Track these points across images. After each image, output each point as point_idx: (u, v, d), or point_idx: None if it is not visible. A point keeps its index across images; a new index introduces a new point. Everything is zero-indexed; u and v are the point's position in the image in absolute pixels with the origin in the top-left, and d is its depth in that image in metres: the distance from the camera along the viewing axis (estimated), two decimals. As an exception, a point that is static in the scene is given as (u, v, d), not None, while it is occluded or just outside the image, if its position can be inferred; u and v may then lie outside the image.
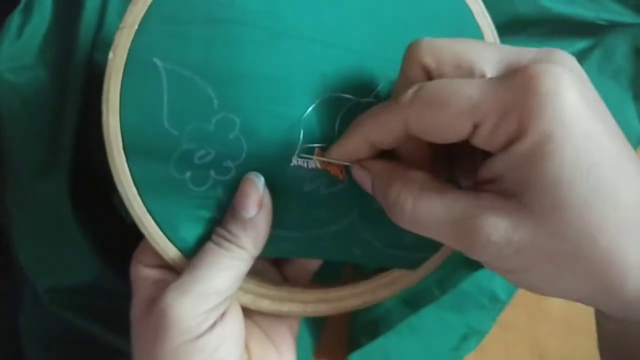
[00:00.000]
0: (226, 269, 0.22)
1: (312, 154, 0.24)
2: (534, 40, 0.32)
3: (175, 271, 0.24)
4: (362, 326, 0.35)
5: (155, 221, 0.24)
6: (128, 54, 0.23)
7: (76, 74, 0.29)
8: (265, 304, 0.26)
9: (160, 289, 0.22)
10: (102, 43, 0.30)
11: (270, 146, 0.24)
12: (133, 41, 0.23)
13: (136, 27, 0.23)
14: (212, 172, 0.24)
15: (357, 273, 0.28)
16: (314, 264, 0.28)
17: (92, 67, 0.30)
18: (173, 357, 0.22)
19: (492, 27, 0.25)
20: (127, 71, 0.23)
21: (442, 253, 0.27)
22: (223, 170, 0.24)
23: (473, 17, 0.25)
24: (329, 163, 0.24)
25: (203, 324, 0.22)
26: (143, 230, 0.24)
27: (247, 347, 0.26)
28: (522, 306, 0.35)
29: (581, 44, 0.33)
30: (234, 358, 0.24)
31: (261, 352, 0.26)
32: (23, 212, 0.31)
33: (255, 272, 0.27)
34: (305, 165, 0.24)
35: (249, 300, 0.25)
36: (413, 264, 0.27)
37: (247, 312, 0.26)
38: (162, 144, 0.23)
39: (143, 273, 0.24)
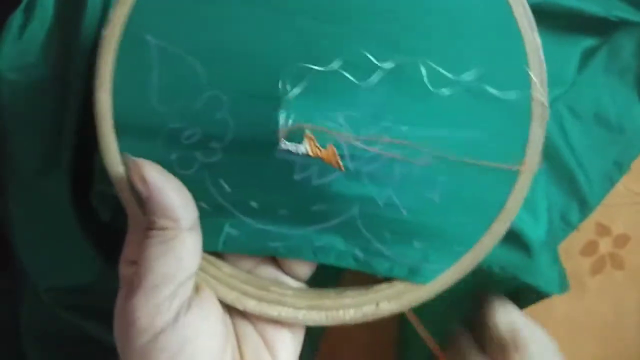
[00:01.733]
0: (162, 255, 0.21)
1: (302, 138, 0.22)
2: (542, 36, 0.30)
3: None
4: None
5: None
6: (121, 31, 0.22)
7: (78, 73, 0.29)
8: (251, 305, 0.23)
9: (130, 288, 0.21)
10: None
11: (258, 128, 0.22)
12: (126, 18, 0.22)
13: (129, 4, 0.22)
14: (198, 154, 0.22)
15: (359, 280, 0.25)
16: (314, 264, 0.25)
17: (94, 66, 0.30)
18: (139, 359, 0.20)
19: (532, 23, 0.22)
20: (120, 48, 0.22)
21: (459, 268, 0.23)
22: (209, 152, 0.22)
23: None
24: (321, 149, 0.21)
25: (159, 320, 0.20)
26: (129, 212, 0.23)
27: (240, 352, 0.23)
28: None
29: (588, 42, 0.32)
30: (208, 358, 0.21)
31: (256, 359, 0.23)
32: (24, 212, 0.31)
33: (247, 270, 0.24)
34: (295, 149, 0.22)
35: (234, 298, 0.23)
36: (423, 277, 0.23)
37: (247, 314, 0.24)
38: (150, 123, 0.22)
39: (126, 271, 0.23)
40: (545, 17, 0.29)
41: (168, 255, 0.21)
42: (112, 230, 0.30)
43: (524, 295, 0.32)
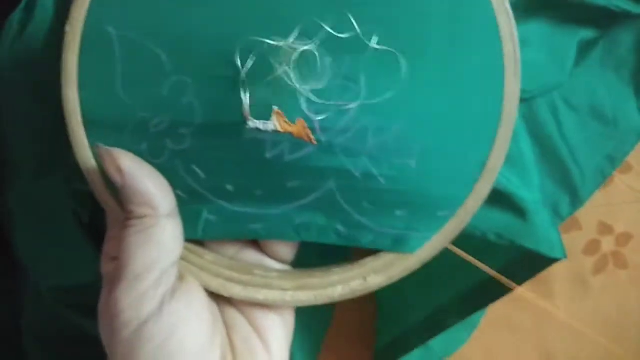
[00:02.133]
0: (142, 244, 0.20)
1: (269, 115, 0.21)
2: (540, 26, 0.30)
3: None
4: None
5: (116, 197, 0.23)
6: (83, 26, 0.22)
7: None
8: (237, 290, 0.23)
9: (112, 282, 0.21)
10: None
11: (224, 109, 0.22)
12: (86, 12, 0.22)
13: None
14: (168, 142, 0.22)
15: (346, 257, 0.25)
16: (295, 243, 0.25)
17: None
18: (126, 351, 0.20)
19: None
20: (83, 43, 0.22)
21: (445, 233, 0.23)
22: (179, 139, 0.22)
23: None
24: (291, 124, 0.21)
25: (143, 310, 0.20)
26: (104, 206, 0.23)
27: (230, 341, 0.23)
28: (528, 309, 0.35)
29: (587, 33, 0.31)
30: (195, 347, 0.21)
31: (246, 348, 0.23)
32: (25, 212, 0.31)
33: (231, 256, 0.24)
34: (263, 127, 0.21)
35: (219, 285, 0.23)
36: (409, 246, 0.23)
37: (234, 302, 0.24)
38: (118, 115, 0.22)
39: (108, 267, 0.23)
40: (545, 8, 0.29)
41: (149, 243, 0.20)
42: (97, 227, 0.30)
43: (527, 264, 0.31)
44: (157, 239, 0.21)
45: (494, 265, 0.33)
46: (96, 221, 0.29)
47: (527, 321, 0.36)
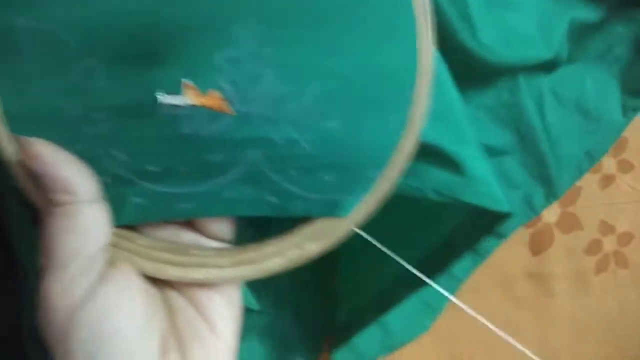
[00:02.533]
0: (64, 232, 0.20)
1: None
2: None
3: None
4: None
5: None
6: None
7: None
8: (175, 272, 0.23)
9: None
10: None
11: (135, 89, 0.21)
12: None
13: None
14: (84, 128, 0.21)
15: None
16: (230, 219, 0.24)
17: None
18: (60, 340, 0.20)
19: None
20: None
21: (376, 195, 0.23)
22: (94, 124, 0.21)
23: None
24: (204, 96, 0.21)
25: (70, 297, 0.20)
26: (34, 202, 0.22)
27: (174, 324, 0.23)
28: (530, 308, 0.36)
29: (581, 12, 0.31)
30: (131, 332, 0.21)
31: (190, 331, 0.23)
32: (25, 212, 0.30)
33: (167, 238, 0.24)
34: (175, 102, 0.21)
35: (154, 268, 0.23)
36: (341, 210, 0.23)
37: (176, 285, 0.23)
38: (34, 106, 0.21)
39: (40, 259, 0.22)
40: None
41: (71, 230, 0.20)
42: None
43: (477, 222, 0.31)
44: (80, 226, 0.20)
45: (449, 226, 0.33)
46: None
47: (528, 320, 0.37)
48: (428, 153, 0.26)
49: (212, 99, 0.21)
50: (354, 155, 0.22)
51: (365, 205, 0.23)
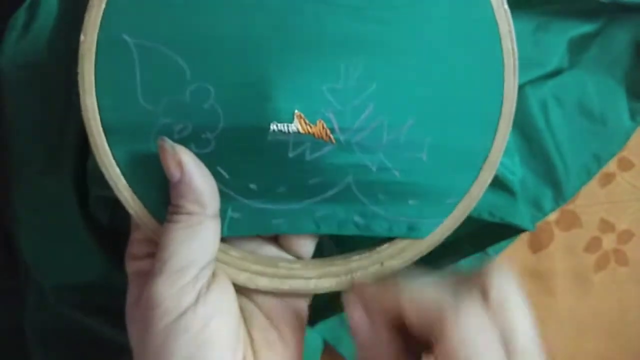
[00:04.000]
0: (187, 240, 0.21)
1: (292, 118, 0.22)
2: (529, 21, 0.31)
3: None
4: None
5: (142, 202, 0.23)
6: (98, 34, 0.22)
7: None
8: (264, 282, 0.24)
9: (149, 276, 0.22)
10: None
11: (247, 113, 0.23)
12: (102, 20, 0.22)
13: (103, 5, 0.22)
14: (193, 146, 0.23)
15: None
16: (315, 237, 0.26)
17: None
18: (161, 341, 0.21)
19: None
20: (99, 51, 0.22)
21: (454, 218, 0.25)
22: (203, 143, 0.23)
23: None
24: (311, 125, 0.22)
25: (183, 301, 0.21)
26: (130, 211, 0.23)
27: (249, 333, 0.24)
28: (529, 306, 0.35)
29: (586, 28, 0.32)
30: (226, 338, 0.22)
31: (263, 338, 0.24)
32: (29, 210, 0.31)
33: (251, 250, 0.25)
34: (286, 129, 0.23)
35: (245, 278, 0.24)
36: (420, 231, 0.25)
37: (250, 297, 0.25)
38: (140, 122, 0.23)
39: (134, 266, 0.24)
40: (538, 2, 0.30)
41: (193, 240, 0.22)
42: (115, 229, 0.30)
43: (497, 233, 0.33)
44: (201, 237, 0.22)
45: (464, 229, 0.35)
46: (114, 224, 0.30)
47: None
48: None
49: (318, 129, 0.23)
50: (437, 184, 0.24)
51: (442, 228, 0.25)
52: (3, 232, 0.33)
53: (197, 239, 0.22)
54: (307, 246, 0.26)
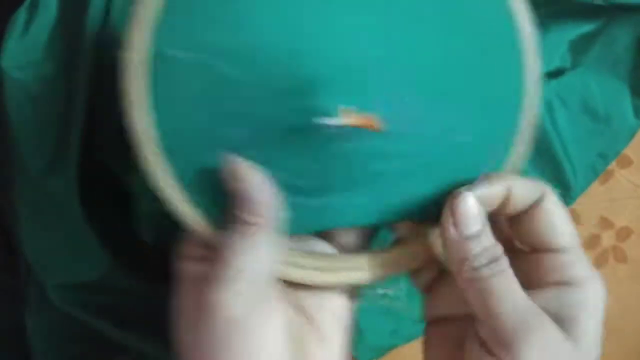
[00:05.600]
0: (247, 248, 0.22)
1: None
2: (541, 19, 0.31)
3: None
4: None
5: (200, 213, 0.23)
6: (146, 50, 0.22)
7: (83, 70, 0.29)
8: (318, 277, 0.24)
9: (206, 280, 0.22)
10: (109, 38, 0.30)
11: (299, 119, 0.22)
12: (150, 36, 0.22)
13: (152, 20, 0.21)
14: (250, 152, 0.23)
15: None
16: (365, 230, 0.26)
17: (99, 62, 0.30)
18: (215, 342, 0.22)
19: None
20: (148, 69, 0.22)
21: None
22: (258, 147, 0.23)
23: None
24: (359, 118, 0.22)
25: (235, 309, 0.22)
26: (188, 222, 0.23)
27: (290, 334, 0.24)
28: None
29: (586, 28, 0.32)
30: (272, 348, 0.23)
31: (301, 341, 0.24)
32: (31, 210, 0.31)
33: (297, 247, 0.25)
34: (333, 123, 0.22)
35: (302, 275, 0.24)
36: None
37: (290, 295, 0.25)
38: (197, 136, 0.22)
39: (189, 267, 0.24)
40: (546, 4, 0.31)
41: (255, 249, 0.22)
42: (117, 229, 0.31)
43: None
44: (263, 247, 0.22)
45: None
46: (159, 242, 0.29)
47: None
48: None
49: (363, 119, 0.23)
50: (475, 170, 0.25)
51: None
52: (3, 232, 0.33)
53: (252, 249, 0.22)
54: (353, 241, 0.26)
